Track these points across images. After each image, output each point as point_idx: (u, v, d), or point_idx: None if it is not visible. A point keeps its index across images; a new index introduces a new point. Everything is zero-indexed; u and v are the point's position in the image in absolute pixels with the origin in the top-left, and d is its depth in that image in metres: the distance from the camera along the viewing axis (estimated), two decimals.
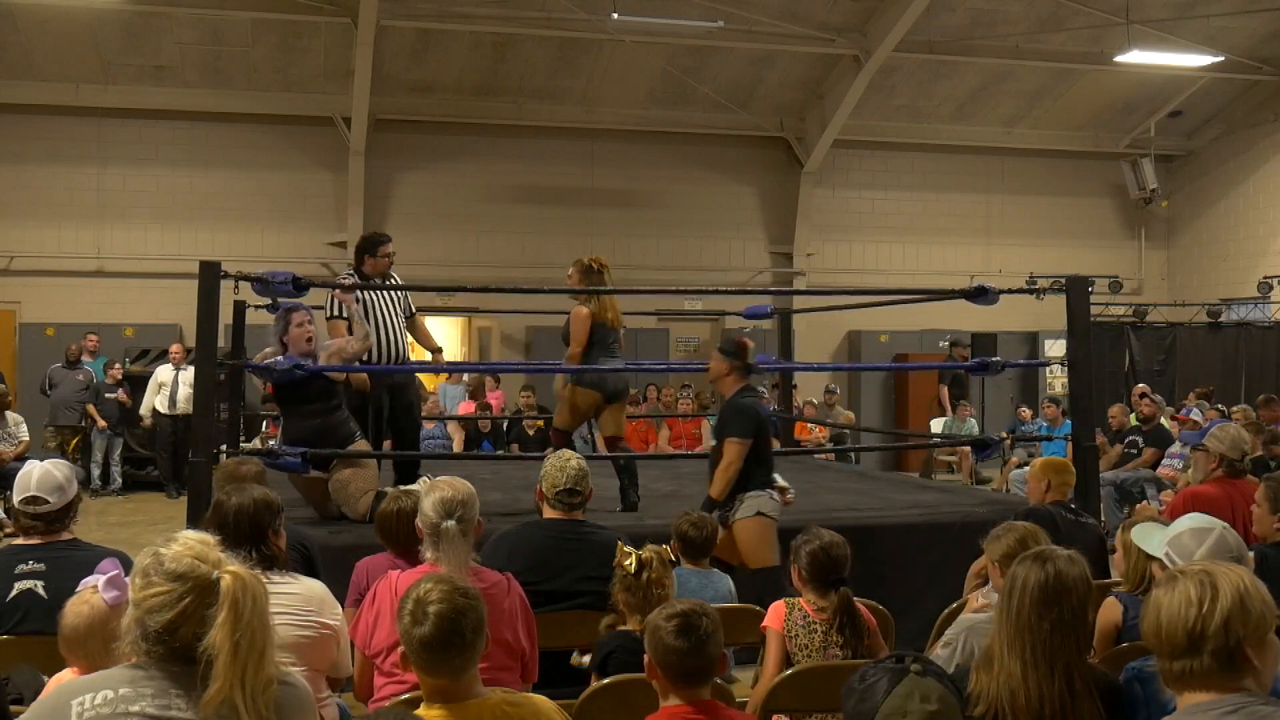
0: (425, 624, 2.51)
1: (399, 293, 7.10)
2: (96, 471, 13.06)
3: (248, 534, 3.40)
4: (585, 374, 6.62)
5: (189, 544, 2.03)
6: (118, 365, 13.23)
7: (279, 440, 6.49)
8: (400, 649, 2.60)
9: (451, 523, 3.51)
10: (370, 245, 6.99)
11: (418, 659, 2.54)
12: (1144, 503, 9.98)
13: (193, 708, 1.94)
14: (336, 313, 6.78)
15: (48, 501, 3.69)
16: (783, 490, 5.81)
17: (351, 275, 7.06)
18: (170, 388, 12.91)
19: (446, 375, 13.94)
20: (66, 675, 2.72)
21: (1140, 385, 12.13)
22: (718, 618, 2.86)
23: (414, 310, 7.37)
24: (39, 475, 3.73)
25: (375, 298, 6.91)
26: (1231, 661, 2.13)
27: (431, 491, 3.62)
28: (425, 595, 2.56)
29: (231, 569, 2.00)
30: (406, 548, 4.04)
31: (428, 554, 3.58)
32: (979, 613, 3.70)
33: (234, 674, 1.92)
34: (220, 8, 13.55)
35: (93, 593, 2.78)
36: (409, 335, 7.26)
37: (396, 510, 4.17)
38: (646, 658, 2.83)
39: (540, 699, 2.66)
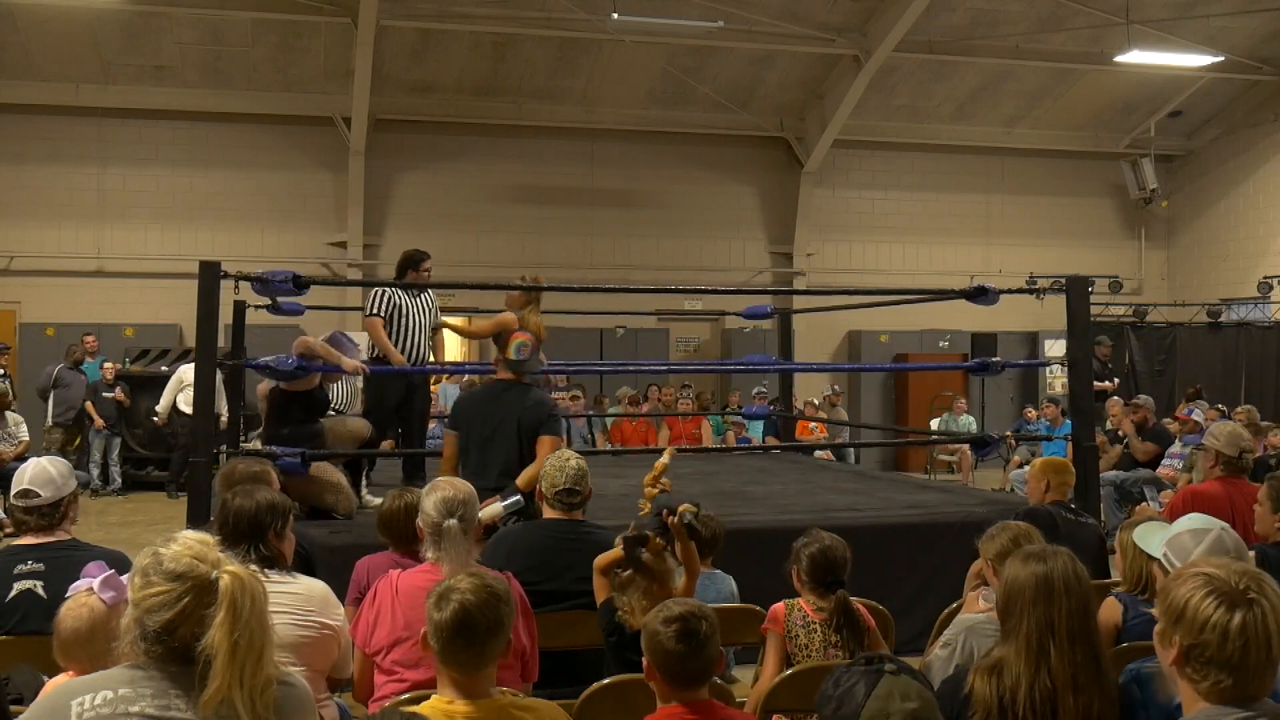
0: (445, 610, 2.58)
1: (431, 307, 7.46)
2: (96, 471, 13.03)
3: (247, 534, 3.41)
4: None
5: (188, 544, 2.03)
6: (109, 364, 13.11)
7: (262, 440, 6.57)
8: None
9: (453, 521, 3.51)
10: (414, 261, 7.38)
11: (433, 643, 2.60)
12: (1144, 504, 9.97)
13: (192, 708, 1.94)
14: (375, 310, 7.19)
15: (39, 495, 3.69)
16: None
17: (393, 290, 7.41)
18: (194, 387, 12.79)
19: (446, 375, 13.94)
20: (62, 680, 2.72)
21: (1113, 399, 12.00)
22: (715, 619, 2.86)
23: (439, 323, 7.69)
24: (32, 471, 3.74)
25: (410, 307, 7.26)
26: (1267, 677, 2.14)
27: (432, 491, 3.62)
28: (456, 584, 2.63)
29: (230, 569, 2.00)
30: (410, 545, 4.04)
31: (428, 553, 3.58)
32: (978, 613, 3.69)
33: (232, 674, 1.92)
34: (220, 8, 13.55)
35: (88, 594, 2.78)
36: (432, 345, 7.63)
37: (403, 506, 4.17)
38: (645, 660, 2.83)
39: (547, 704, 2.67)
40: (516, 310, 7.66)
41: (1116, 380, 14.01)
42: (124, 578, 2.86)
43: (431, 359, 7.63)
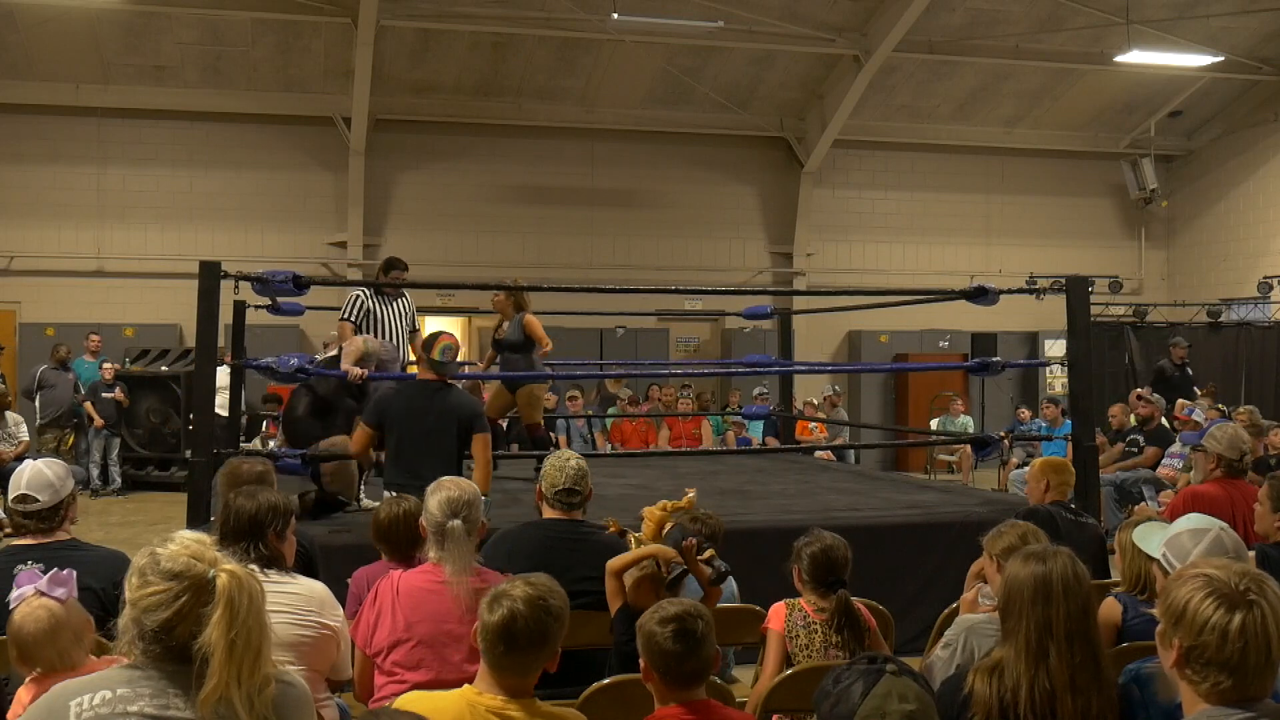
0: (494, 614, 2.60)
1: (408, 312, 7.63)
2: (95, 471, 13.02)
3: (247, 534, 3.40)
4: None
5: (185, 543, 2.03)
6: (109, 364, 13.11)
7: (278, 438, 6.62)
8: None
9: (457, 522, 3.50)
10: (386, 268, 7.61)
11: (480, 641, 2.63)
12: (1143, 504, 9.97)
13: (191, 707, 1.94)
14: (347, 315, 7.32)
15: (38, 500, 3.69)
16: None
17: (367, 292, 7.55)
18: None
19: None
20: (26, 693, 2.72)
21: (1144, 388, 12.04)
22: (711, 618, 2.86)
23: (415, 326, 7.85)
24: (29, 474, 3.73)
25: (384, 312, 7.41)
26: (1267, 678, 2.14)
27: (437, 491, 3.61)
28: (511, 589, 2.65)
29: (228, 567, 2.00)
30: (407, 553, 4.03)
31: (431, 553, 3.57)
32: (977, 613, 3.69)
33: (229, 672, 1.92)
34: (220, 8, 13.55)
35: (38, 597, 2.80)
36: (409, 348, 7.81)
37: (401, 513, 4.13)
38: (642, 661, 2.83)
39: (575, 715, 2.70)
40: (512, 314, 7.89)
41: (1204, 388, 12.99)
42: (67, 573, 2.88)
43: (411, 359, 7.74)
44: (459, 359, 5.80)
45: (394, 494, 5.20)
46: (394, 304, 7.50)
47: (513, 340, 8.00)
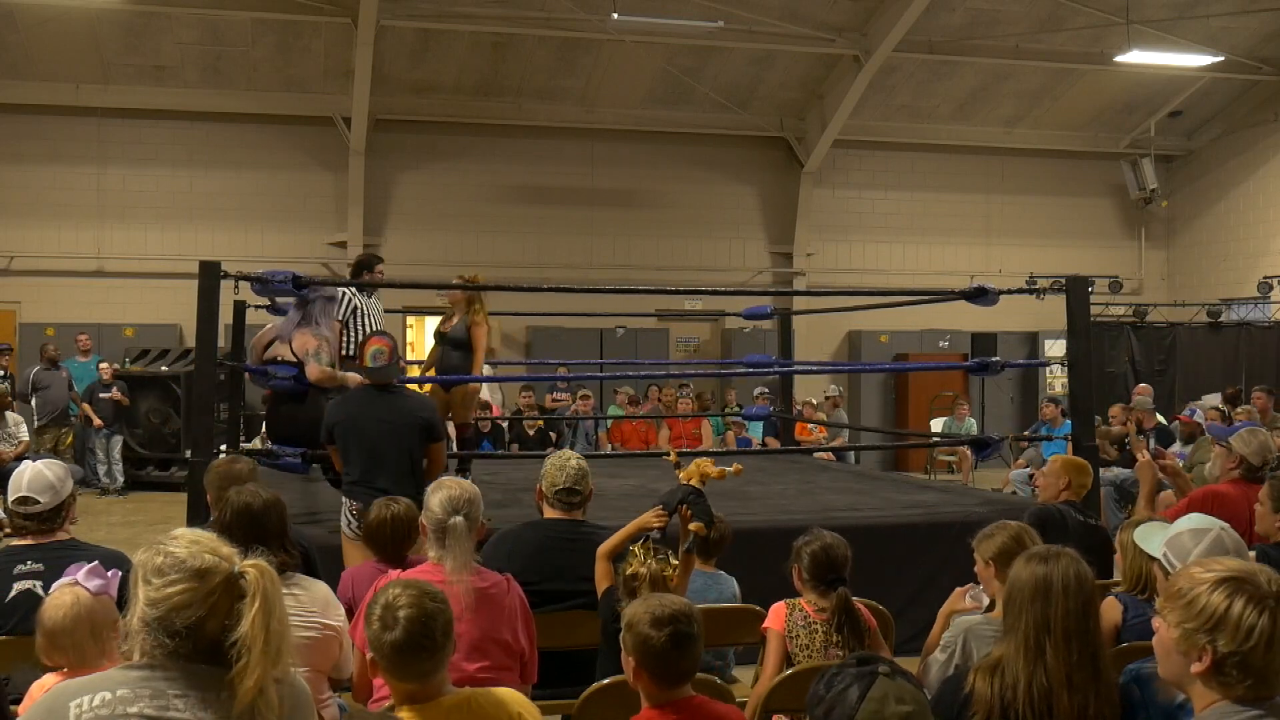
0: (395, 629, 2.51)
1: (380, 310, 7.60)
2: (103, 470, 13.01)
3: (256, 534, 3.40)
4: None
5: (199, 540, 2.03)
6: (105, 364, 13.04)
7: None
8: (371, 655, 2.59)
9: (459, 519, 3.51)
10: (370, 264, 7.52)
11: (387, 664, 2.54)
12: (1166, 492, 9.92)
13: (191, 709, 1.94)
14: (335, 314, 7.16)
15: (39, 501, 3.69)
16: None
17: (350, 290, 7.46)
18: None
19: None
20: (50, 680, 2.73)
21: (1118, 405, 11.93)
22: (700, 616, 2.86)
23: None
24: (30, 475, 3.73)
25: (369, 310, 7.33)
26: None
27: (438, 490, 3.62)
28: (394, 600, 2.56)
29: (252, 562, 2.01)
30: (397, 554, 4.04)
31: (431, 553, 3.58)
32: (967, 613, 3.68)
33: (266, 665, 1.93)
34: (220, 8, 13.55)
35: (72, 586, 2.80)
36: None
37: (391, 515, 4.13)
38: (631, 662, 2.82)
39: (505, 691, 2.65)
40: (464, 310, 7.88)
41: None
42: (111, 573, 2.88)
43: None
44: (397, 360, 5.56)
45: (351, 502, 5.25)
46: (373, 302, 7.50)
47: (456, 337, 7.96)
